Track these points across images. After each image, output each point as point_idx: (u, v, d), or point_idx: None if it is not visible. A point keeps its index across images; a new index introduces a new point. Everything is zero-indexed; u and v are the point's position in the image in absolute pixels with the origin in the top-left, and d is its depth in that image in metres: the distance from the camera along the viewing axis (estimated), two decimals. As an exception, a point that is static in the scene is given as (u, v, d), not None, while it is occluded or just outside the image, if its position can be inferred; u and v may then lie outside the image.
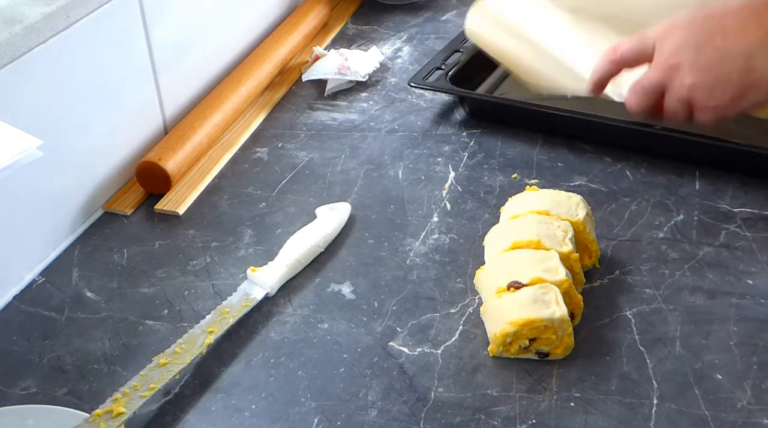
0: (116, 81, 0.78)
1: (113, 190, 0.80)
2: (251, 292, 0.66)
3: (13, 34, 0.65)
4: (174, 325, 0.65)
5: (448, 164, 0.82)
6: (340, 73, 0.95)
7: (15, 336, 0.65)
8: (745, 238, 0.71)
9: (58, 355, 0.63)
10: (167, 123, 0.87)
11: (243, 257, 0.72)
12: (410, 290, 0.68)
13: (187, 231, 0.76)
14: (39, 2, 0.68)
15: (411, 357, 0.62)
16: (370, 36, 1.08)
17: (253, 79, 0.93)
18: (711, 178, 0.78)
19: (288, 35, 1.02)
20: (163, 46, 0.83)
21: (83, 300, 0.68)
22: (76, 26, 0.71)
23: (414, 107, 0.91)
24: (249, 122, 0.90)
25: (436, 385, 0.59)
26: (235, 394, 0.60)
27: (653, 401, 0.57)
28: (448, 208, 0.76)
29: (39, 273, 0.71)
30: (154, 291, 0.69)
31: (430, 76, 0.89)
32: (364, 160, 0.84)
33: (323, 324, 0.65)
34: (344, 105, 0.94)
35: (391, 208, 0.77)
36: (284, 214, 0.77)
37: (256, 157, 0.86)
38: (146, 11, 0.80)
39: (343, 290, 0.68)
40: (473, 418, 0.57)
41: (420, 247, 0.72)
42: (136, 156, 0.82)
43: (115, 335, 0.65)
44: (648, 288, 0.66)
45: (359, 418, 0.57)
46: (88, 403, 0.59)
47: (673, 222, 0.73)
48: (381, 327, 0.64)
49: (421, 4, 1.15)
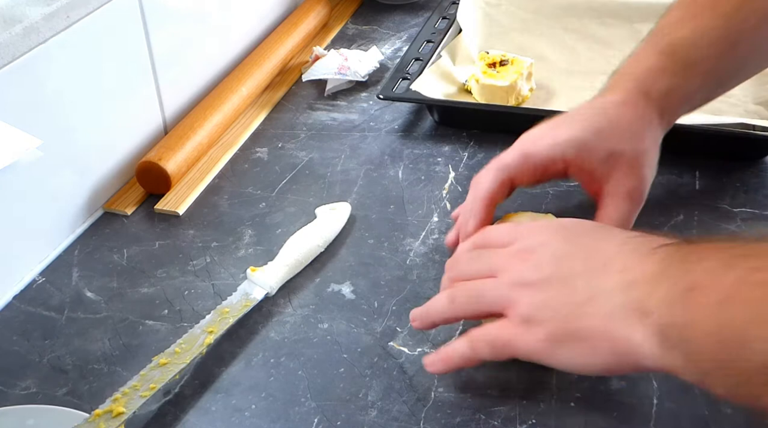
0: (116, 81, 0.78)
1: (113, 190, 0.80)
2: (251, 292, 0.66)
3: (13, 34, 0.65)
4: (174, 325, 0.65)
5: (448, 164, 0.82)
6: (340, 73, 0.95)
7: (15, 336, 0.65)
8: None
9: (58, 355, 0.63)
10: (167, 123, 0.87)
11: (243, 257, 0.72)
12: (410, 290, 0.68)
13: (187, 231, 0.76)
14: (39, 2, 0.68)
15: (411, 357, 0.62)
16: (370, 36, 1.08)
17: (253, 79, 0.93)
18: (711, 178, 0.78)
19: (288, 35, 1.02)
20: (163, 46, 0.83)
21: (83, 300, 0.68)
22: (76, 26, 0.71)
23: (414, 107, 0.91)
24: (249, 122, 0.90)
25: (436, 385, 0.59)
26: (235, 394, 0.60)
27: (653, 401, 0.57)
28: (448, 208, 0.76)
29: (39, 273, 0.71)
30: (154, 291, 0.69)
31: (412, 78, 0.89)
32: (364, 160, 0.84)
33: (323, 324, 0.65)
34: (344, 105, 0.94)
35: (391, 208, 0.77)
36: (284, 214, 0.77)
37: (256, 157, 0.86)
38: (146, 11, 0.80)
39: (343, 290, 0.68)
40: (473, 418, 0.57)
41: (420, 247, 0.72)
42: (136, 156, 0.82)
43: (115, 335, 0.65)
44: (648, 288, 0.66)
45: (359, 418, 0.57)
46: (88, 403, 0.59)
47: (673, 222, 0.73)
48: (381, 327, 0.64)
49: (421, 4, 1.15)
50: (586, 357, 0.51)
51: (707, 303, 0.44)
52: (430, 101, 0.87)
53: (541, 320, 0.52)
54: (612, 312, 0.49)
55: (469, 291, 0.57)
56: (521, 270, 0.54)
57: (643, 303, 0.47)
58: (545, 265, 0.53)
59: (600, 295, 0.50)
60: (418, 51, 0.95)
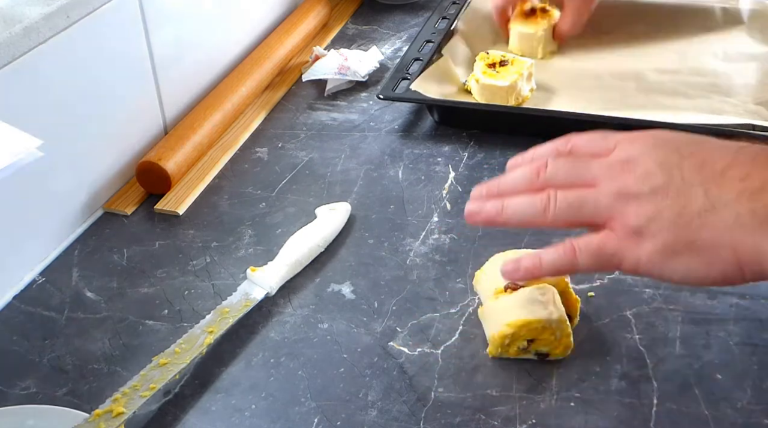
0: (116, 81, 0.78)
1: (113, 190, 0.80)
2: (251, 292, 0.66)
3: (13, 34, 0.65)
4: (174, 325, 0.65)
5: (448, 164, 0.82)
6: (340, 73, 0.95)
7: (15, 336, 0.65)
8: (745, 238, 0.70)
9: (58, 355, 0.63)
10: (167, 123, 0.87)
11: (243, 257, 0.72)
12: (410, 290, 0.68)
13: (187, 231, 0.76)
14: (39, 2, 0.68)
15: (411, 357, 0.62)
16: (370, 36, 1.08)
17: (253, 79, 0.93)
18: (711, 178, 0.78)
19: (288, 35, 1.02)
20: (163, 46, 0.83)
21: (83, 300, 0.68)
22: (76, 26, 0.71)
23: (414, 107, 0.91)
24: (249, 122, 0.90)
25: (436, 385, 0.59)
26: (235, 394, 0.60)
27: (653, 401, 0.57)
28: (448, 208, 0.76)
29: (39, 273, 0.71)
30: (154, 291, 0.69)
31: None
32: (364, 160, 0.84)
33: (323, 324, 0.65)
34: (344, 105, 0.94)
35: (391, 208, 0.77)
36: (284, 214, 0.77)
37: (256, 157, 0.86)
38: (146, 11, 0.80)
39: (343, 290, 0.68)
40: (473, 418, 0.57)
41: (420, 247, 0.72)
42: (136, 156, 0.82)
43: (115, 335, 0.65)
44: (648, 288, 0.66)
45: (359, 418, 0.57)
46: (88, 403, 0.59)
47: (673, 222, 0.73)
48: (381, 327, 0.64)
49: (421, 4, 1.15)
50: (703, 267, 0.49)
51: None
52: (430, 101, 0.87)
53: (655, 231, 0.49)
54: (738, 221, 0.48)
55: (568, 198, 0.52)
56: (626, 180, 0.51)
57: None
58: (654, 175, 0.50)
59: (722, 204, 0.48)
60: (418, 51, 0.95)
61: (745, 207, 0.47)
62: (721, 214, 0.48)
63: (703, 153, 0.51)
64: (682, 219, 0.49)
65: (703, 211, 0.49)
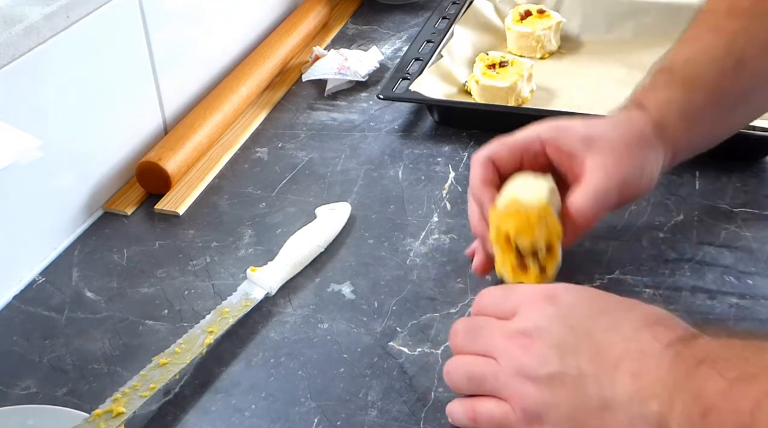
0: (116, 81, 0.78)
1: (113, 190, 0.80)
2: (251, 292, 0.66)
3: (13, 34, 0.65)
4: (174, 325, 0.65)
5: (448, 164, 0.82)
6: (340, 73, 0.95)
7: (15, 336, 0.65)
8: (745, 238, 0.71)
9: (58, 355, 0.63)
10: (167, 123, 0.87)
11: (243, 257, 0.72)
12: (410, 290, 0.68)
13: (187, 231, 0.76)
14: (39, 2, 0.68)
15: (411, 357, 0.62)
16: (370, 36, 1.08)
17: (253, 79, 0.93)
18: (711, 178, 0.78)
19: (288, 35, 1.02)
20: (163, 46, 0.83)
21: (83, 300, 0.68)
22: (76, 26, 0.71)
23: (414, 107, 0.91)
24: (249, 122, 0.90)
25: (436, 385, 0.59)
26: (235, 394, 0.60)
27: (653, 401, 0.57)
28: (448, 208, 0.76)
29: (39, 273, 0.71)
30: (154, 291, 0.69)
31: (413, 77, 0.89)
32: (364, 160, 0.84)
33: (323, 324, 0.65)
34: (344, 105, 0.94)
35: (391, 208, 0.77)
36: (284, 214, 0.77)
37: (256, 157, 0.86)
38: (146, 11, 0.80)
39: (343, 290, 0.68)
40: (473, 418, 0.57)
41: (420, 247, 0.72)
42: (136, 156, 0.82)
43: (115, 335, 0.65)
44: (648, 288, 0.66)
45: (359, 418, 0.57)
46: (88, 403, 0.59)
47: (673, 222, 0.73)
48: (381, 327, 0.64)
49: (421, 4, 1.15)
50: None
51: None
52: (430, 101, 0.87)
53: (554, 421, 0.50)
54: (632, 424, 0.47)
55: (468, 374, 0.54)
56: (523, 359, 0.51)
57: (664, 417, 0.46)
58: (549, 358, 0.50)
59: (616, 405, 0.48)
60: (418, 51, 0.95)
61: (636, 411, 0.47)
62: (617, 415, 0.48)
63: (598, 335, 0.50)
64: (580, 414, 0.49)
65: (599, 410, 0.49)
